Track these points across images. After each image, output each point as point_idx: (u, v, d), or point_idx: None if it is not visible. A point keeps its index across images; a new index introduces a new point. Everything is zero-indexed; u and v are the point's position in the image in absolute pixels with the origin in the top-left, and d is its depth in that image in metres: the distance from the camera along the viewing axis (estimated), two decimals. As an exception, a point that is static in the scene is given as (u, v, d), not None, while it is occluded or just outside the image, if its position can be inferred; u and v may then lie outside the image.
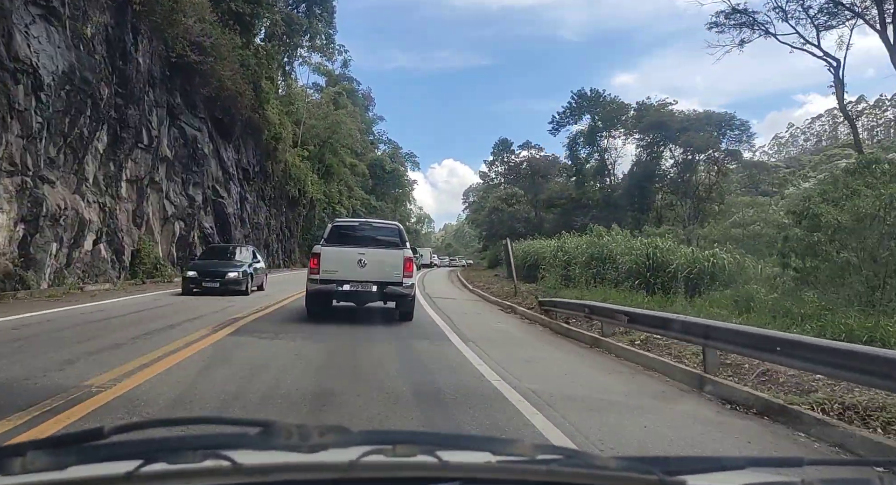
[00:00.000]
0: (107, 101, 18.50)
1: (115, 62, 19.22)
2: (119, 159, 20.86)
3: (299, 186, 43.74)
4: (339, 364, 6.87)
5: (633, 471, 1.03)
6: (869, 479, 1.16)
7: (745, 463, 1.12)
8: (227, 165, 31.24)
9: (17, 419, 4.06)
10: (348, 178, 62.53)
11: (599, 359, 8.08)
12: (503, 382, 6.04)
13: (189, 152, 26.54)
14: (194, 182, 27.18)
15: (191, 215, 26.76)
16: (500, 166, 71.07)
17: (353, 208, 60.98)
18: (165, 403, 4.75)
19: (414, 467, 0.97)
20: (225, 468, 0.91)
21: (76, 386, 5.11)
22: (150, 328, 8.81)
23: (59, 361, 6.24)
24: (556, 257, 19.30)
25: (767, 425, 4.92)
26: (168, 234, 25.25)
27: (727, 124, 42.14)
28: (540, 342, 9.59)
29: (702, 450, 4.13)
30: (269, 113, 34.12)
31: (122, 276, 20.93)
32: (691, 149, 42.30)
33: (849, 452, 4.22)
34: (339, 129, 52.51)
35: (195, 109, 26.92)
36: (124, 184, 21.55)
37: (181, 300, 13.73)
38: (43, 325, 9.02)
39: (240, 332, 8.79)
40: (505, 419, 4.67)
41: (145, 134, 22.14)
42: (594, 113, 49.24)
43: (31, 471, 0.89)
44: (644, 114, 44.54)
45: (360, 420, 4.37)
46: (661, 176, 44.34)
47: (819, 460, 1.89)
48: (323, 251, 10.72)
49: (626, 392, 6.09)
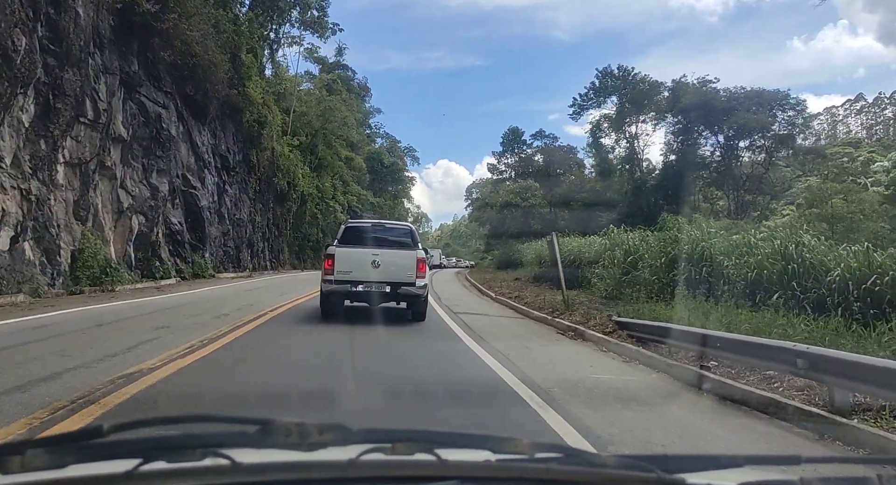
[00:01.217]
0: (27, 58, 14.42)
1: (42, 7, 15.12)
2: (53, 136, 16.81)
3: (288, 178, 39.70)
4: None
5: (632, 469, 1.04)
6: (867, 477, 1.13)
7: (744, 461, 1.16)
8: (200, 151, 27.23)
9: None
10: (343, 172, 58.50)
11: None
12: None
13: (151, 133, 22.55)
14: (158, 169, 23.18)
15: (154, 208, 22.75)
16: (510, 158, 66.51)
17: (349, 205, 56.95)
18: None
19: (413, 465, 0.98)
20: (224, 467, 0.92)
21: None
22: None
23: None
24: (614, 258, 15.28)
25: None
26: (123, 230, 21.22)
27: (780, 104, 37.95)
28: (720, 426, 5.28)
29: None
30: (252, 91, 30.06)
31: (57, 282, 16.84)
32: (738, 132, 38.03)
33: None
34: (332, 116, 48.46)
35: (159, 82, 22.92)
36: (61, 167, 17.52)
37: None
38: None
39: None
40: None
41: (90, 106, 18.11)
42: (622, 94, 44.89)
43: (30, 469, 0.91)
44: (681, 93, 40.25)
45: None
46: (700, 165, 40.01)
47: (817, 457, 1.68)
48: (337, 252, 10.95)
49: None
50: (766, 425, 4.98)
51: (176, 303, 13.86)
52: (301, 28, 47.37)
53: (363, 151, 69.62)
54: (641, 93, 44.05)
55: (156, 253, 23.20)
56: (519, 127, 68.58)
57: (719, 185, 40.64)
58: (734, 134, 38.73)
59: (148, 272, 22.26)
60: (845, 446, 4.44)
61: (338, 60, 63.84)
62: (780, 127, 38.21)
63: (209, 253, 28.08)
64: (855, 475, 1.24)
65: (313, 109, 48.00)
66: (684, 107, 39.38)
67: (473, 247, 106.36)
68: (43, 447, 0.95)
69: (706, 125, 39.18)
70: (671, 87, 42.79)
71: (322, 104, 47.74)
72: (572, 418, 4.74)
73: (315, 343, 8.52)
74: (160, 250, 23.52)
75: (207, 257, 27.71)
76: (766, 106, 37.69)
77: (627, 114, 44.80)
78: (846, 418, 4.77)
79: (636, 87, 44.39)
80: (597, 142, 46.82)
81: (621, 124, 44.72)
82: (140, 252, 22.30)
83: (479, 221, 76.98)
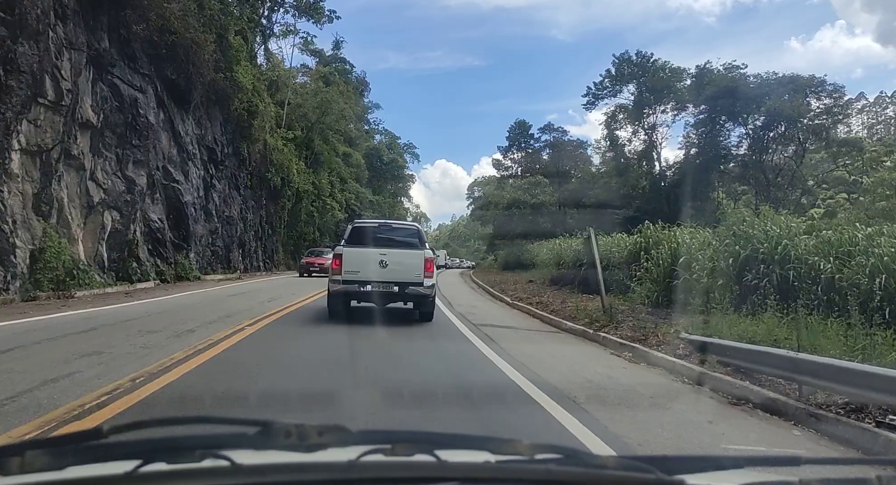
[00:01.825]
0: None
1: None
2: (5, 118, 14.68)
3: (282, 174, 37.50)
4: None
5: (632, 470, 1.04)
6: (867, 478, 1.13)
7: (744, 462, 1.15)
8: (184, 141, 25.10)
9: None
10: (341, 168, 56.28)
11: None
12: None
13: (127, 119, 20.45)
14: (135, 160, 21.09)
15: (130, 204, 20.65)
16: (516, 153, 63.97)
17: (347, 203, 54.72)
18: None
19: (413, 466, 0.98)
20: (223, 468, 0.92)
21: None
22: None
23: None
24: (659, 258, 13.19)
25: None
26: (94, 227, 19.12)
27: (815, 91, 35.48)
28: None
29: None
30: (241, 77, 27.90)
31: (12, 286, 14.76)
32: (768, 121, 35.51)
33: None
34: (329, 109, 46.29)
35: (135, 62, 20.80)
36: (17, 155, 15.45)
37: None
38: None
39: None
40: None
41: (50, 85, 16.03)
42: (640, 82, 42.37)
43: (29, 471, 0.91)
44: (705, 80, 37.78)
45: None
46: (725, 158, 37.47)
47: (817, 458, 1.65)
48: (345, 252, 10.96)
49: None
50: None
51: (137, 313, 11.68)
52: (296, 15, 45.22)
53: (361, 147, 67.40)
54: (661, 80, 41.52)
55: (133, 253, 21.08)
56: (526, 120, 66.22)
57: (745, 179, 38.18)
58: (764, 124, 36.30)
59: (124, 275, 20.16)
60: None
61: (335, 53, 61.57)
62: (813, 117, 35.71)
63: (194, 253, 25.95)
64: (855, 476, 1.22)
65: (309, 102, 45.86)
66: (710, 95, 36.88)
67: (473, 247, 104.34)
68: (42, 449, 0.95)
69: (732, 115, 36.69)
70: (694, 73, 40.23)
71: (319, 96, 45.56)
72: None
73: (303, 380, 6.19)
74: (138, 250, 21.39)
75: (192, 258, 25.58)
76: (801, 92, 35.28)
77: (646, 103, 42.24)
78: None
79: (656, 75, 41.86)
80: (612, 134, 44.17)
81: (639, 115, 42.13)
82: (115, 252, 20.19)
83: (483, 219, 74.89)
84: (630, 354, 8.41)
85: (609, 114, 43.95)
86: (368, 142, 71.60)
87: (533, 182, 47.19)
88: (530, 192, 44.52)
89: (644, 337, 9.05)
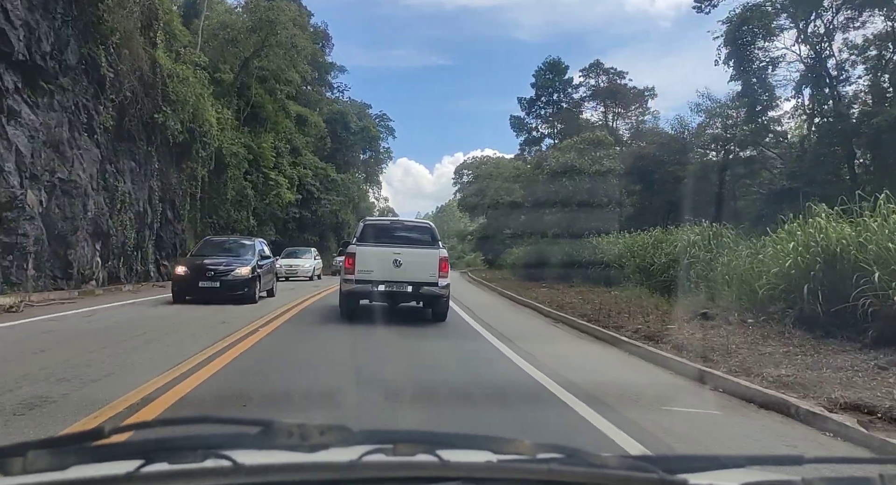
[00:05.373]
0: None
1: None
2: None
3: (190, 121, 23.94)
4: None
5: (634, 470, 1.08)
6: (869, 477, 1.16)
7: (746, 461, 1.19)
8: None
9: None
10: (293, 134, 42.83)
11: None
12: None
13: None
14: None
15: None
16: (545, 108, 48.78)
17: (300, 179, 41.20)
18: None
19: (414, 466, 1.02)
20: (225, 468, 0.96)
21: None
22: None
23: None
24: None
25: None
26: None
27: None
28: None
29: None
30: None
31: None
32: None
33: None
34: (274, 36, 32.71)
35: None
36: None
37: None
38: None
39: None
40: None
41: None
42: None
43: (31, 471, 0.94)
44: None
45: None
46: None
47: (819, 457, 1.64)
48: (358, 251, 11.41)
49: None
50: None
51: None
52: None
53: (322, 111, 53.68)
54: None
55: None
56: (561, 59, 50.69)
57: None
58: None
59: None
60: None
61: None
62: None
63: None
64: (857, 475, 1.26)
65: (241, 24, 32.17)
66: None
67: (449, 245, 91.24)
68: (44, 449, 0.98)
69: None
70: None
71: (257, 13, 31.86)
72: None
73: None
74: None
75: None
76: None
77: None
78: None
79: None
80: (738, 51, 26.63)
81: (806, 11, 24.28)
82: None
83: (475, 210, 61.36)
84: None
85: (733, 17, 27.01)
86: (331, 106, 57.79)
87: (592, 140, 30.13)
88: (589, 155, 28.36)
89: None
